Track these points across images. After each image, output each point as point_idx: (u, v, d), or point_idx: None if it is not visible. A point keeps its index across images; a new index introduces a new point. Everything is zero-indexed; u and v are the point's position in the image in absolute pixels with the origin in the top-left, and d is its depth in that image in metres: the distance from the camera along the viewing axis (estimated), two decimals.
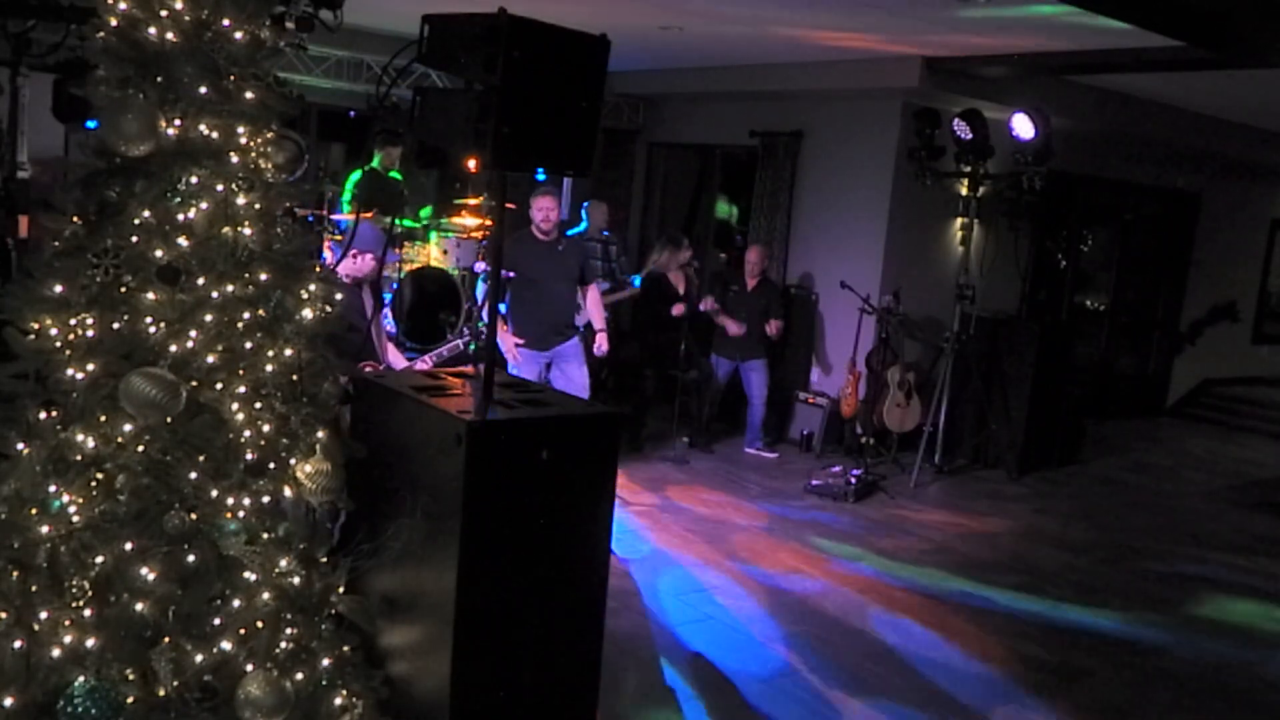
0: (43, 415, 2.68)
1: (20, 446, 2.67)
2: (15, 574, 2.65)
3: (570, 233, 7.94)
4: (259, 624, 2.80)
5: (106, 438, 2.66)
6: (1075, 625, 5.44)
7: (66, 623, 2.64)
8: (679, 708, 4.20)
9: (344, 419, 3.36)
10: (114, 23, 2.67)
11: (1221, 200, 11.79)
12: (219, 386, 2.76)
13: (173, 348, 2.70)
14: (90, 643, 2.64)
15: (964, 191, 8.37)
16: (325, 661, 2.97)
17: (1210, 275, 11.90)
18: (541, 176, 6.42)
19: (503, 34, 2.97)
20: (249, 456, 2.78)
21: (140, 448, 2.67)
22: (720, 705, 4.25)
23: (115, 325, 2.68)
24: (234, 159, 2.78)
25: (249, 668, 2.78)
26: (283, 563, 2.86)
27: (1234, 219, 12.12)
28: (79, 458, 2.65)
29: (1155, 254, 11.83)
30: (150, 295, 2.68)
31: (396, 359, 5.25)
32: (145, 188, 2.69)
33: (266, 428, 2.82)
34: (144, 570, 2.64)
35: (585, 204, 9.08)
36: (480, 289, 6.61)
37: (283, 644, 2.85)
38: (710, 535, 6.32)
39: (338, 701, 3.00)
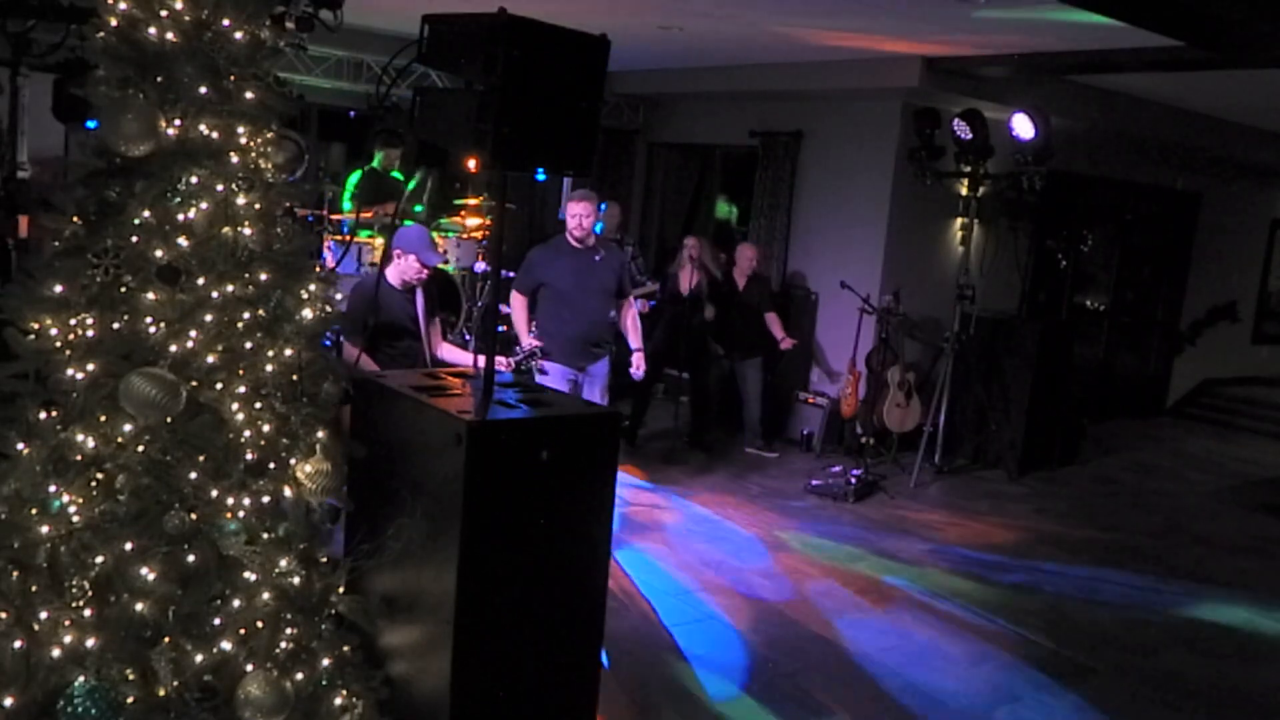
0: (43, 415, 2.67)
1: (20, 446, 2.67)
2: (15, 574, 2.65)
3: None
4: (259, 624, 2.80)
5: (106, 438, 2.66)
6: (1075, 625, 5.44)
7: (66, 623, 2.64)
8: (678, 707, 4.20)
9: (344, 419, 3.36)
10: (114, 23, 2.67)
11: (1221, 200, 11.79)
12: (219, 386, 2.76)
13: (173, 348, 2.69)
14: (90, 643, 2.64)
15: (964, 191, 8.37)
16: (325, 661, 2.97)
17: (1209, 274, 11.91)
18: (541, 176, 6.33)
19: (503, 34, 2.97)
20: (249, 456, 2.78)
21: (140, 448, 2.67)
22: (719, 705, 4.25)
23: (115, 325, 2.68)
24: (234, 159, 2.78)
25: (249, 668, 2.78)
26: (283, 563, 2.86)
27: (1234, 219, 12.11)
28: (79, 458, 2.65)
29: (1155, 254, 11.83)
30: (150, 295, 2.68)
31: (454, 354, 5.14)
32: (145, 188, 2.69)
33: (266, 428, 2.82)
34: (144, 570, 2.64)
35: (601, 206, 8.96)
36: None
37: (283, 644, 2.85)
38: (710, 535, 6.32)
39: (338, 701, 3.00)
